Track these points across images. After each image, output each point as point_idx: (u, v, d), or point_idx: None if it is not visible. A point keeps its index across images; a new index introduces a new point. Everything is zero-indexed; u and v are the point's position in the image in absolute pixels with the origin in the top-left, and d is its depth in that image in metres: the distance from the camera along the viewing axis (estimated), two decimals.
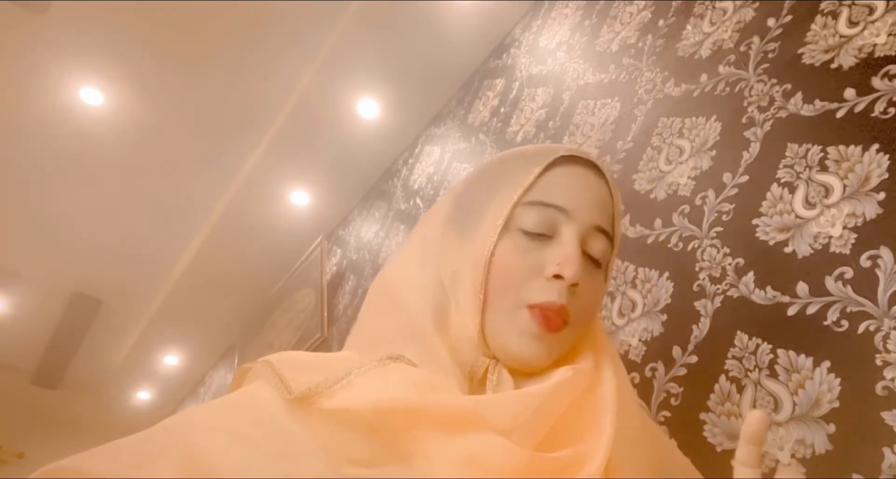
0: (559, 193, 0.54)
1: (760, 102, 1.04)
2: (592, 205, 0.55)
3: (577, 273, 0.50)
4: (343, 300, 2.53)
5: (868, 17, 0.92)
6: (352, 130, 2.47)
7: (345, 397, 0.44)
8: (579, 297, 0.52)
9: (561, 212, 0.53)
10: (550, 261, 0.51)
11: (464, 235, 0.55)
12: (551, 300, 0.50)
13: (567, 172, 0.56)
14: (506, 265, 0.52)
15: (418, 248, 0.59)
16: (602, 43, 1.58)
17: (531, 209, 0.53)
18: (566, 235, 0.52)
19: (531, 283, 0.51)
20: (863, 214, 0.81)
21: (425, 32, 2.13)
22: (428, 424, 0.43)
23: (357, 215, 2.78)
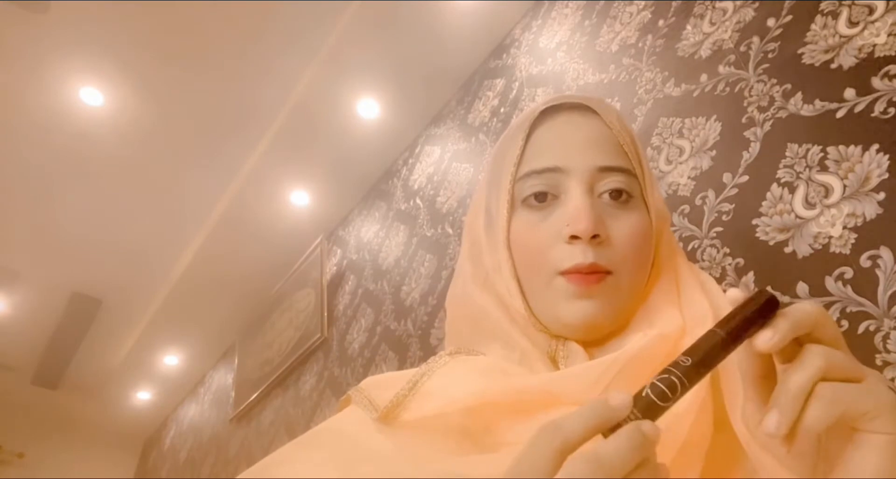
0: (545, 154, 0.51)
1: (760, 102, 1.04)
2: (586, 148, 0.51)
3: (589, 226, 0.47)
4: (343, 300, 2.53)
5: (868, 17, 0.92)
6: (352, 130, 2.47)
7: (422, 405, 0.44)
8: (611, 245, 0.48)
9: (555, 171, 0.50)
10: (562, 223, 0.49)
11: (491, 227, 0.55)
12: (577, 263, 0.47)
13: (548, 128, 0.53)
14: (522, 243, 0.50)
15: (469, 244, 0.59)
16: (602, 43, 1.58)
17: (528, 181, 0.51)
18: (570, 192, 0.49)
19: (554, 252, 0.49)
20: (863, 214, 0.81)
21: (425, 32, 2.13)
22: (506, 411, 0.42)
23: (357, 215, 2.78)
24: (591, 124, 0.53)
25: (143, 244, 2.95)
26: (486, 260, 0.55)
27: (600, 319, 0.48)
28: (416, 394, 0.45)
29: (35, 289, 3.13)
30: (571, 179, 0.50)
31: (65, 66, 2.17)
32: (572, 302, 0.48)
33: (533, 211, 0.51)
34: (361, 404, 0.47)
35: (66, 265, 3.02)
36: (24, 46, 2.09)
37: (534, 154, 0.52)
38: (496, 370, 0.47)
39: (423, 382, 0.46)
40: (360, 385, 0.50)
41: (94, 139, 2.43)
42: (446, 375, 0.47)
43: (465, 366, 0.48)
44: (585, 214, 0.47)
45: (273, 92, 2.33)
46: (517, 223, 0.51)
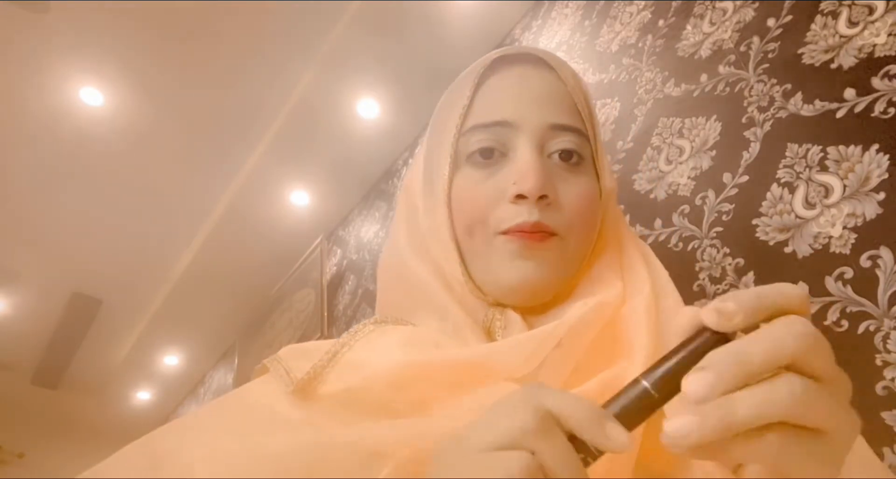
0: (495, 107, 0.47)
1: (760, 102, 1.04)
2: (539, 103, 0.47)
3: (537, 185, 0.43)
4: (343, 300, 2.53)
5: (868, 17, 0.92)
6: (352, 130, 2.47)
7: (341, 377, 0.40)
8: (558, 207, 0.45)
9: (505, 126, 0.46)
10: (508, 181, 0.45)
11: (429, 183, 0.50)
12: (521, 221, 0.44)
13: (500, 79, 0.49)
14: (464, 202, 0.46)
15: (405, 209, 0.54)
16: (602, 43, 1.58)
17: (474, 135, 0.47)
18: (519, 149, 0.46)
19: (496, 211, 0.45)
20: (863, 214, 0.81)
21: (425, 32, 2.13)
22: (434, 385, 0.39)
23: (357, 215, 2.78)
24: (545, 79, 0.49)
25: (143, 244, 2.95)
26: (422, 223, 0.51)
27: (542, 282, 0.45)
28: (335, 365, 0.41)
29: (35, 289, 3.13)
30: (521, 135, 0.46)
31: (65, 66, 2.17)
32: (513, 261, 0.45)
33: (477, 168, 0.47)
34: (277, 374, 0.43)
35: (66, 265, 3.02)
36: (24, 46, 2.09)
37: (482, 107, 0.48)
38: (425, 341, 0.44)
39: (344, 352, 0.43)
40: (278, 353, 0.46)
41: (94, 139, 2.43)
42: (369, 345, 0.44)
43: (391, 336, 0.45)
44: (534, 173, 0.44)
45: (273, 92, 2.33)
46: (459, 180, 0.47)
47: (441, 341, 0.44)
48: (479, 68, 0.50)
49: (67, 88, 2.24)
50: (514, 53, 0.51)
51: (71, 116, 2.33)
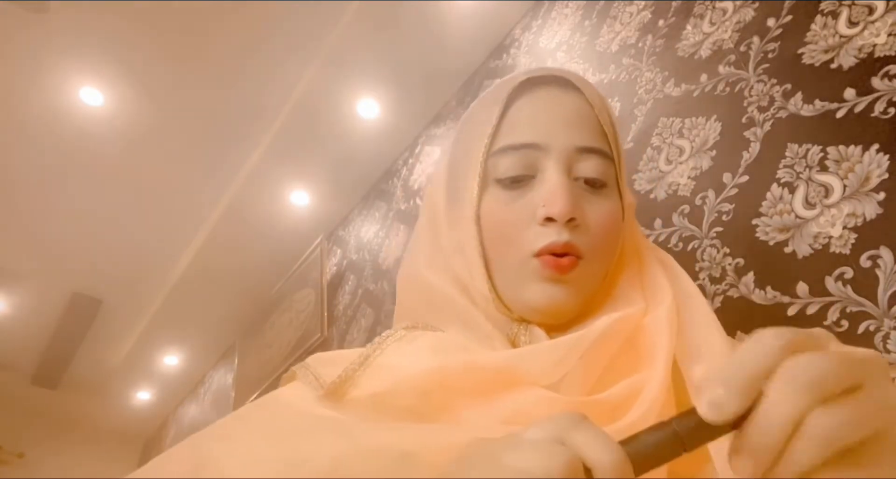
0: (525, 129, 0.48)
1: (760, 102, 1.04)
2: (566, 126, 0.48)
3: (565, 208, 0.44)
4: (343, 300, 2.53)
5: (868, 17, 0.92)
6: (352, 130, 2.47)
7: (371, 382, 0.41)
8: (585, 229, 0.46)
9: (534, 148, 0.47)
10: (537, 204, 0.46)
11: (456, 202, 0.51)
12: (552, 241, 0.45)
13: (529, 101, 0.50)
14: (494, 222, 0.48)
15: (427, 223, 0.56)
16: (602, 43, 1.58)
17: (503, 156, 0.48)
18: (547, 171, 0.47)
19: (527, 232, 0.46)
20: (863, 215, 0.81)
21: (425, 32, 2.13)
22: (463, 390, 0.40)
23: (357, 215, 2.78)
24: (572, 101, 0.50)
25: (143, 244, 2.95)
26: (445, 239, 0.52)
27: (569, 304, 0.47)
28: (367, 369, 0.42)
29: (35, 289, 3.13)
30: (549, 157, 0.47)
31: (65, 66, 2.17)
32: (542, 285, 0.46)
33: (506, 189, 0.48)
34: (306, 380, 0.44)
35: (66, 265, 3.02)
36: (23, 46, 2.09)
37: (510, 128, 0.49)
38: (455, 346, 0.45)
39: (376, 355, 0.43)
40: (305, 361, 0.47)
41: (94, 139, 2.43)
42: (401, 349, 0.45)
43: (422, 341, 0.46)
44: (563, 197, 0.45)
45: (273, 92, 2.33)
46: (489, 200, 0.48)
47: (470, 347, 0.45)
48: (506, 89, 0.51)
49: (67, 88, 2.24)
50: (541, 75, 0.51)
51: (71, 116, 2.33)
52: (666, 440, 0.27)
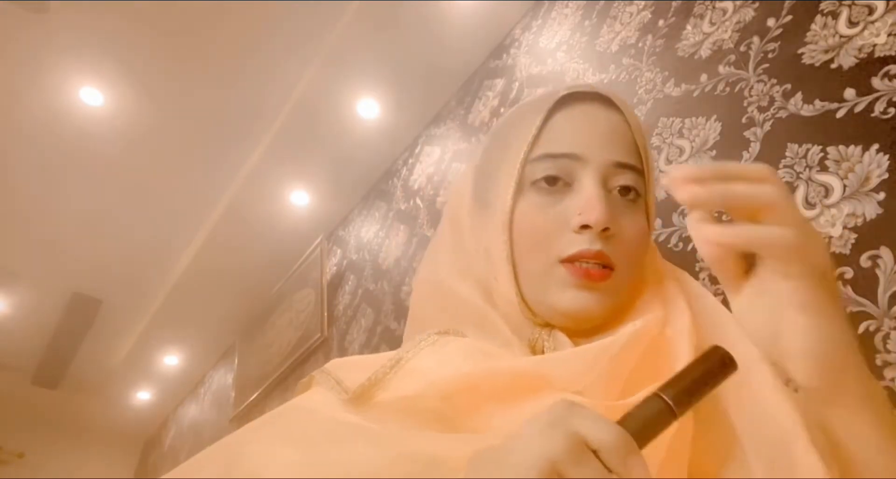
0: (566, 139, 0.50)
1: (760, 102, 1.04)
2: (605, 141, 0.50)
3: (602, 217, 0.46)
4: (343, 300, 2.53)
5: (868, 17, 0.92)
6: (352, 130, 2.47)
7: (401, 386, 0.42)
8: (617, 240, 0.48)
9: (573, 159, 0.49)
10: (573, 212, 0.47)
11: (486, 207, 0.52)
12: (583, 248, 0.46)
13: (571, 113, 0.52)
14: (527, 226, 0.49)
15: (449, 229, 0.57)
16: (602, 43, 1.58)
17: (542, 163, 0.49)
18: (584, 181, 0.48)
19: (559, 239, 0.47)
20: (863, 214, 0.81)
21: (425, 32, 2.13)
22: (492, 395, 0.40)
23: (357, 215, 2.78)
24: (611, 118, 0.52)
25: (143, 244, 2.95)
26: (468, 243, 0.53)
27: (599, 311, 0.48)
28: (398, 371, 0.43)
29: (35, 289, 3.13)
30: (587, 168, 0.49)
31: (65, 66, 2.17)
32: (570, 292, 0.47)
33: (542, 194, 0.49)
34: (327, 385, 0.45)
35: (66, 265, 3.02)
36: (24, 46, 2.09)
37: (551, 138, 0.50)
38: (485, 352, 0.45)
39: (409, 358, 0.44)
40: (324, 367, 0.47)
41: (94, 139, 2.43)
42: (434, 354, 0.45)
43: (453, 346, 0.46)
44: (600, 206, 0.46)
45: (273, 92, 2.33)
46: (524, 205, 0.49)
47: (497, 354, 0.46)
48: (549, 100, 0.52)
49: (67, 88, 2.24)
50: (583, 91, 0.53)
51: (71, 116, 2.33)
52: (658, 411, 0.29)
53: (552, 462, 0.27)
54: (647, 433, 0.29)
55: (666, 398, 0.30)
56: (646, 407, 0.30)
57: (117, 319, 3.36)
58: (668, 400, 0.29)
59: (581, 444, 0.28)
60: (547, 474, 0.27)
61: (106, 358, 3.61)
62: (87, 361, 3.62)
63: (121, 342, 3.54)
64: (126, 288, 3.19)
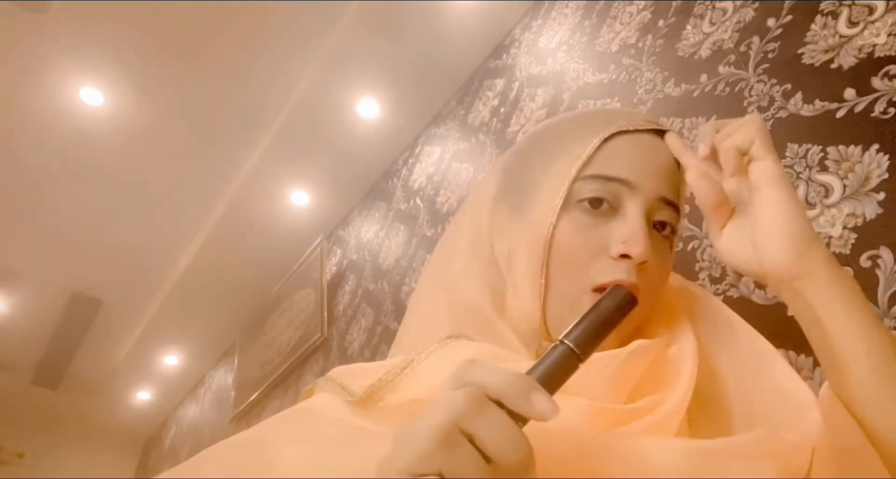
0: (622, 165, 0.49)
1: (760, 102, 1.04)
2: (657, 175, 0.50)
3: (645, 251, 0.46)
4: (343, 300, 2.53)
5: (868, 17, 0.92)
6: (352, 130, 2.47)
7: (410, 387, 0.42)
8: (648, 274, 0.48)
9: (624, 185, 0.48)
10: (616, 239, 0.47)
11: (517, 212, 0.51)
12: (622, 278, 0.46)
13: (629, 140, 0.51)
14: (568, 245, 0.48)
15: (467, 228, 0.56)
16: (602, 43, 1.58)
17: (592, 183, 0.49)
18: (631, 210, 0.48)
19: (596, 263, 0.47)
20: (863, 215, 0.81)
21: (425, 32, 2.13)
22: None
23: (357, 215, 2.78)
24: (666, 155, 0.52)
25: (143, 244, 2.95)
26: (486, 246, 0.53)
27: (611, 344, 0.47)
28: (409, 373, 0.43)
29: (35, 289, 3.13)
30: (636, 197, 0.48)
31: (65, 66, 2.17)
32: None
33: (586, 215, 0.48)
34: (333, 391, 0.45)
35: (66, 265, 3.02)
36: (24, 46, 2.09)
37: (606, 160, 0.50)
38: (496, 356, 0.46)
39: (420, 360, 0.44)
40: (328, 374, 0.47)
41: (94, 139, 2.43)
42: (445, 356, 0.45)
43: (465, 349, 0.46)
44: (644, 239, 0.46)
45: (273, 92, 2.33)
46: (566, 222, 0.49)
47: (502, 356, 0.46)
48: (608, 126, 0.51)
49: (67, 88, 2.24)
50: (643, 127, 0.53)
51: (71, 116, 2.33)
52: (561, 355, 0.31)
53: (453, 421, 0.27)
54: (553, 379, 0.30)
55: (568, 343, 0.31)
56: (550, 354, 0.31)
57: (117, 319, 3.36)
58: (571, 344, 0.30)
59: (479, 396, 0.28)
60: (449, 435, 0.27)
61: (106, 358, 3.62)
62: (87, 361, 3.62)
63: (121, 342, 3.54)
64: (126, 288, 3.19)
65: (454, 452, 0.27)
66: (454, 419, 0.27)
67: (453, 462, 0.26)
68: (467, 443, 0.27)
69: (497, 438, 0.27)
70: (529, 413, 0.28)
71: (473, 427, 0.27)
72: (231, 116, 2.41)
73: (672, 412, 0.42)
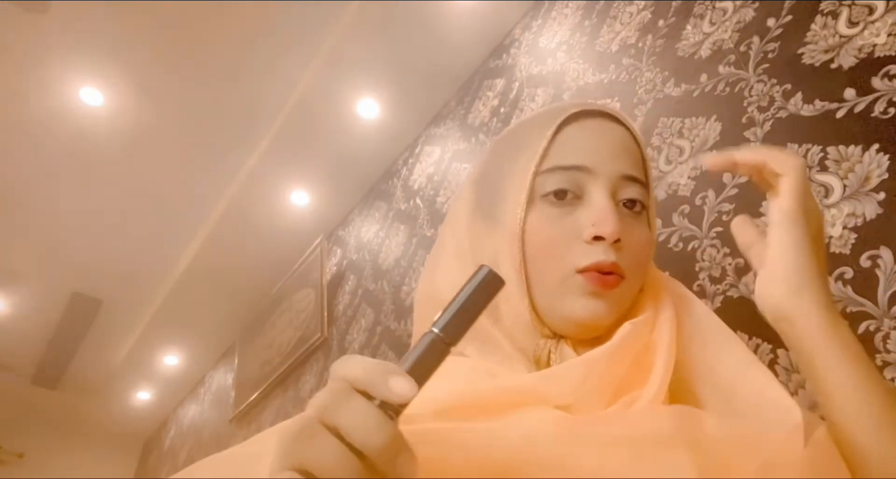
0: (576, 152, 0.51)
1: (760, 102, 1.04)
2: (614, 155, 0.51)
3: (615, 229, 0.47)
4: (343, 300, 2.53)
5: (868, 17, 0.92)
6: (352, 130, 2.47)
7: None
8: (626, 251, 0.49)
9: (583, 171, 0.50)
10: (585, 223, 0.48)
11: (492, 220, 0.53)
12: (599, 259, 0.47)
13: (580, 127, 0.53)
14: (541, 238, 0.49)
15: (450, 242, 0.57)
16: (602, 43, 1.58)
17: (552, 176, 0.50)
18: (595, 194, 0.49)
19: (572, 249, 0.48)
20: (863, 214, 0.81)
21: (425, 32, 2.13)
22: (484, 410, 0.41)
23: (357, 215, 2.78)
24: (619, 133, 0.53)
25: (143, 244, 2.95)
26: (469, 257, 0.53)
27: (608, 319, 0.49)
28: None
29: (35, 289, 3.13)
30: (597, 181, 0.50)
31: (65, 66, 2.17)
32: (583, 300, 0.48)
33: (553, 206, 0.50)
34: None
35: (66, 265, 3.02)
36: (24, 46, 2.09)
37: (561, 151, 0.51)
38: (481, 372, 0.46)
39: None
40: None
41: (94, 139, 2.43)
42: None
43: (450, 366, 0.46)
44: (613, 218, 0.48)
45: (273, 92, 2.33)
46: (534, 217, 0.50)
47: (496, 371, 0.47)
48: (559, 116, 0.53)
49: (67, 88, 2.24)
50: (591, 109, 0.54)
51: (71, 116, 2.33)
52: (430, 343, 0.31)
53: (319, 414, 0.27)
54: (423, 367, 0.30)
55: (436, 330, 0.31)
56: (419, 343, 0.31)
57: (117, 319, 3.36)
58: (439, 332, 0.31)
59: (344, 388, 0.28)
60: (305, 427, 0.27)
61: (106, 358, 3.62)
62: (87, 361, 3.62)
63: (121, 342, 3.54)
64: (126, 288, 3.19)
65: (313, 444, 0.27)
66: (315, 413, 0.28)
67: (313, 453, 0.26)
68: (327, 433, 0.27)
69: (357, 424, 0.27)
70: (388, 396, 0.28)
71: (336, 419, 0.27)
72: (231, 116, 2.41)
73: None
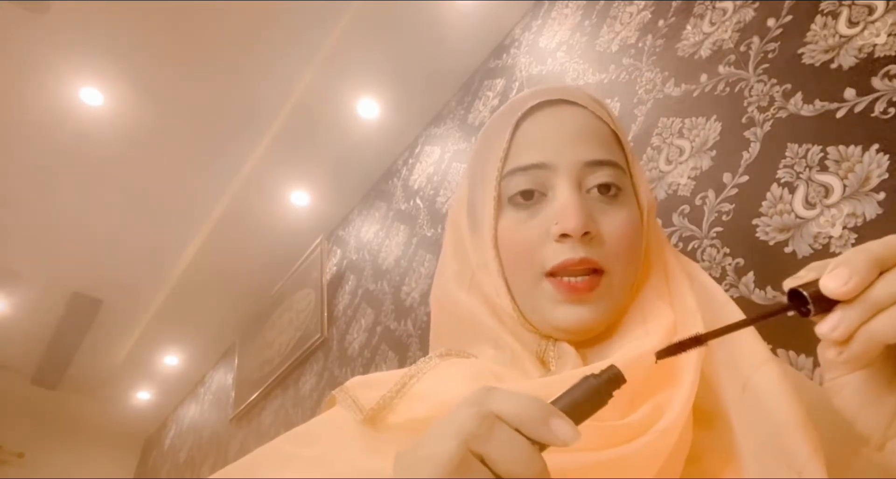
0: (532, 150, 0.49)
1: (760, 102, 1.04)
2: (573, 142, 0.49)
3: (579, 223, 0.45)
4: (343, 300, 2.53)
5: (868, 17, 0.92)
6: (352, 130, 2.47)
7: (407, 408, 0.43)
8: (601, 241, 0.47)
9: (542, 168, 0.48)
10: (550, 221, 0.47)
11: (478, 231, 0.53)
12: (566, 258, 0.45)
13: (535, 121, 0.51)
14: (512, 242, 0.49)
15: (451, 248, 0.57)
16: (602, 43, 1.58)
17: (514, 178, 0.49)
18: (558, 189, 0.47)
19: (542, 250, 0.47)
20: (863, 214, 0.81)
21: (425, 32, 2.13)
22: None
23: (357, 215, 2.78)
24: (576, 117, 0.51)
25: (143, 244, 2.95)
26: (471, 258, 0.53)
27: (597, 322, 0.47)
28: (403, 396, 0.43)
29: (35, 289, 3.13)
30: (559, 175, 0.48)
31: (65, 66, 2.17)
32: (565, 307, 0.46)
33: (520, 209, 0.49)
34: (346, 404, 0.45)
35: (66, 265, 3.02)
36: (24, 46, 2.09)
37: (519, 150, 0.50)
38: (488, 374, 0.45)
39: (412, 384, 0.44)
40: (345, 385, 0.48)
41: (94, 139, 2.43)
42: (436, 377, 0.45)
43: (455, 369, 0.46)
44: (574, 212, 0.45)
45: (273, 92, 2.33)
46: (504, 222, 0.49)
47: (503, 374, 0.46)
48: (516, 113, 0.51)
49: (67, 88, 2.24)
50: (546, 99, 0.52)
51: (71, 116, 2.33)
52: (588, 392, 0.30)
53: (464, 441, 0.27)
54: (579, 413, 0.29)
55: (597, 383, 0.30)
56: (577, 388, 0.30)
57: (117, 319, 3.36)
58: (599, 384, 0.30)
59: (491, 417, 0.28)
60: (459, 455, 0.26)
61: (106, 358, 3.62)
62: (87, 361, 3.62)
63: (121, 342, 3.54)
64: (126, 288, 3.19)
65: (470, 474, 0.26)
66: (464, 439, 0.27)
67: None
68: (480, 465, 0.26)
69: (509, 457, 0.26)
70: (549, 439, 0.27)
71: (484, 447, 0.27)
72: (231, 116, 2.41)
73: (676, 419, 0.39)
